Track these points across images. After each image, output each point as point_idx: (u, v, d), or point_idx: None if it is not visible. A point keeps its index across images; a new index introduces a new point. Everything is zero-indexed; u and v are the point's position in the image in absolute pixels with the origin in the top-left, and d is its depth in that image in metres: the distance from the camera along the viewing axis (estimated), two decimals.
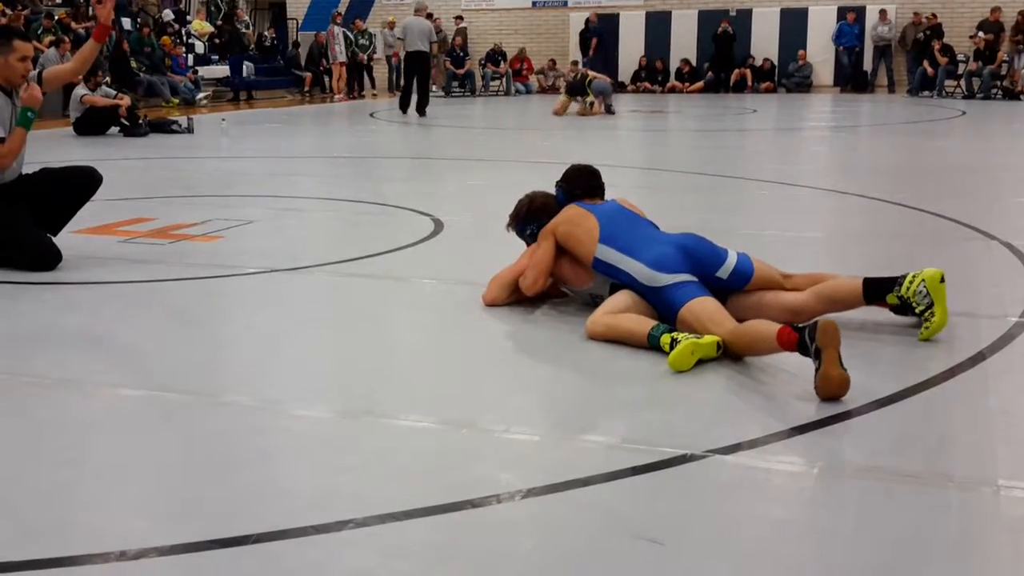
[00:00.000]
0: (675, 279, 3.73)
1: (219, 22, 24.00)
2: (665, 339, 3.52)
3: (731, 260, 3.86)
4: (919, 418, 3.04)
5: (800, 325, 3.28)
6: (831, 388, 3.09)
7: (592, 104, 16.13)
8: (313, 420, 3.07)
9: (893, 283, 3.75)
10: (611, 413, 3.10)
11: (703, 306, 3.63)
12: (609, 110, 16.32)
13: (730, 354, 3.51)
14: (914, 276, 3.72)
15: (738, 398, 3.19)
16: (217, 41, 22.56)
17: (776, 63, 22.90)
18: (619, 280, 3.92)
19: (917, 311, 3.70)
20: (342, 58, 21.17)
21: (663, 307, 3.74)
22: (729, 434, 2.85)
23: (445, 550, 2.25)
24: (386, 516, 2.37)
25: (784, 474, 2.64)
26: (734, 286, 3.84)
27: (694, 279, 3.75)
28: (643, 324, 3.66)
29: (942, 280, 3.69)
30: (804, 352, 3.20)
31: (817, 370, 3.11)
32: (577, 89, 16.34)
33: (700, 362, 3.48)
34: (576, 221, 4.09)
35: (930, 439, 2.86)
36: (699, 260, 3.82)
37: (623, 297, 3.84)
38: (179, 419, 3.08)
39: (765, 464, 2.69)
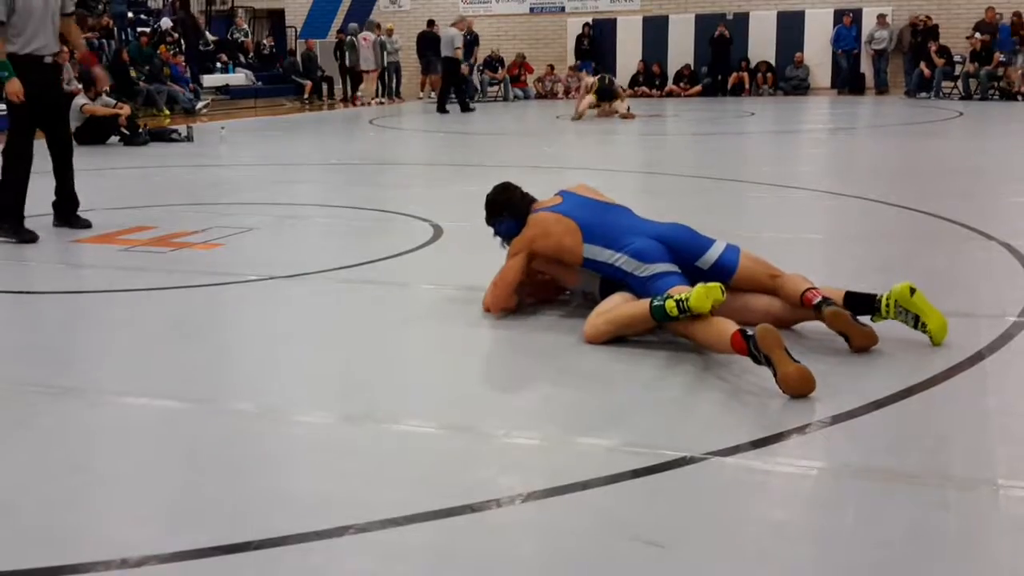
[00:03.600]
0: (656, 269, 3.77)
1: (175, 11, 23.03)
2: (670, 305, 3.53)
3: (714, 251, 3.88)
4: (918, 418, 3.05)
5: (748, 333, 3.30)
6: (792, 384, 3.13)
7: (628, 109, 16.40)
8: (314, 426, 3.08)
9: (871, 304, 3.70)
10: (610, 416, 3.11)
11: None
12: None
13: (688, 344, 3.60)
14: (887, 300, 3.67)
15: (736, 400, 3.20)
16: (176, 34, 22.08)
17: (773, 66, 22.89)
18: (606, 274, 3.94)
19: (909, 327, 3.68)
20: (372, 65, 21.66)
21: (647, 296, 3.76)
22: (728, 436, 2.86)
23: (446, 554, 2.26)
24: (387, 521, 2.38)
25: (783, 475, 2.65)
26: (716, 279, 3.77)
27: (676, 270, 3.78)
28: (640, 304, 3.68)
29: (912, 293, 3.64)
30: (756, 361, 3.25)
31: (775, 374, 3.15)
32: (608, 94, 16.52)
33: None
34: (551, 230, 4.04)
35: (929, 439, 2.87)
36: (680, 250, 3.86)
37: (614, 298, 3.86)
38: (181, 426, 3.09)
39: (764, 466, 2.70)
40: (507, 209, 4.32)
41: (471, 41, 21.88)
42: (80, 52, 6.58)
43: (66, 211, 6.68)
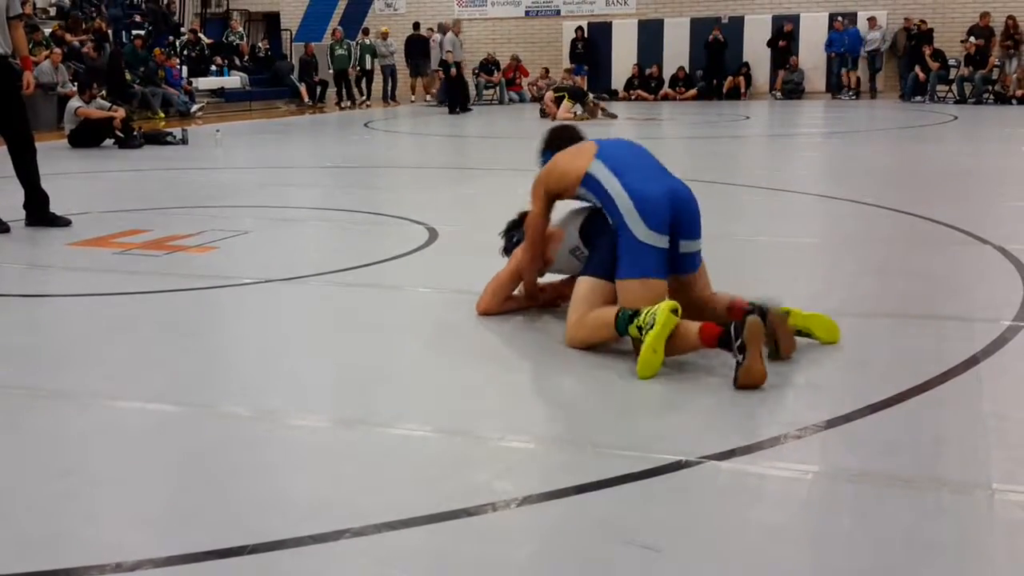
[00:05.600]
0: (649, 241, 3.63)
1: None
2: (633, 331, 3.51)
3: (696, 245, 3.80)
4: (913, 422, 3.05)
5: (725, 321, 3.36)
6: (752, 380, 3.22)
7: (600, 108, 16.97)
8: (309, 430, 3.07)
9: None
10: (605, 420, 3.11)
11: (645, 294, 3.59)
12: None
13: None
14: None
15: (731, 404, 3.20)
16: (140, 19, 21.90)
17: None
18: (600, 202, 3.77)
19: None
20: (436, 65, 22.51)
21: (616, 255, 3.68)
22: (723, 440, 2.86)
23: (441, 559, 2.25)
24: (382, 525, 2.37)
25: (778, 479, 2.65)
26: (682, 269, 3.77)
27: (664, 247, 3.65)
28: (607, 320, 3.61)
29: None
30: (725, 346, 3.29)
31: (740, 364, 3.22)
32: (579, 94, 16.89)
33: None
34: (559, 159, 3.98)
35: (924, 443, 2.87)
36: (679, 220, 3.70)
37: (582, 304, 3.76)
38: (175, 430, 3.08)
39: (759, 470, 2.69)
40: (552, 142, 4.28)
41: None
42: (21, 55, 6.65)
43: (36, 208, 6.73)
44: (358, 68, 22.59)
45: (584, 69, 23.45)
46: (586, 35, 23.98)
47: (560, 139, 4.29)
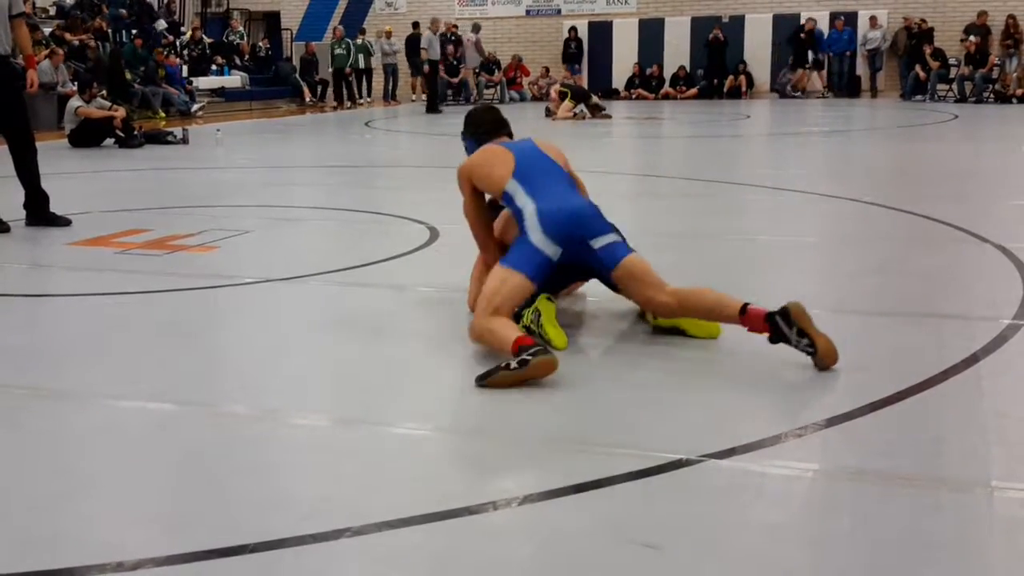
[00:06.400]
0: (539, 244, 3.82)
1: None
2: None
3: (608, 237, 3.88)
4: (913, 420, 3.05)
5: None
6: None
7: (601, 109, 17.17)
8: (310, 429, 3.08)
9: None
10: (605, 419, 3.11)
11: (501, 281, 3.76)
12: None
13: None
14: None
15: (732, 403, 3.20)
16: (126, 15, 21.85)
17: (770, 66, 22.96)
18: (515, 215, 4.00)
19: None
20: (475, 63, 23.26)
21: (596, 263, 3.85)
22: (723, 439, 2.86)
23: (442, 558, 2.26)
24: (383, 524, 2.38)
25: (779, 478, 2.65)
26: (604, 261, 3.84)
27: (549, 257, 3.81)
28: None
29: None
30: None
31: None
32: (582, 95, 16.95)
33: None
34: (489, 159, 4.16)
35: (924, 441, 2.87)
36: (582, 228, 3.85)
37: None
38: (176, 429, 3.09)
39: (760, 468, 2.69)
40: (470, 127, 4.53)
41: (445, 40, 22.07)
42: (25, 53, 6.69)
43: (35, 208, 6.74)
44: (352, 68, 22.56)
45: (576, 68, 23.52)
46: (578, 35, 24.08)
47: (480, 127, 4.50)
